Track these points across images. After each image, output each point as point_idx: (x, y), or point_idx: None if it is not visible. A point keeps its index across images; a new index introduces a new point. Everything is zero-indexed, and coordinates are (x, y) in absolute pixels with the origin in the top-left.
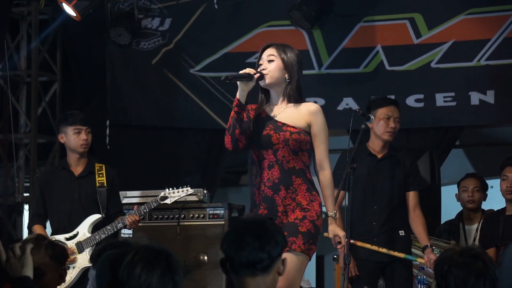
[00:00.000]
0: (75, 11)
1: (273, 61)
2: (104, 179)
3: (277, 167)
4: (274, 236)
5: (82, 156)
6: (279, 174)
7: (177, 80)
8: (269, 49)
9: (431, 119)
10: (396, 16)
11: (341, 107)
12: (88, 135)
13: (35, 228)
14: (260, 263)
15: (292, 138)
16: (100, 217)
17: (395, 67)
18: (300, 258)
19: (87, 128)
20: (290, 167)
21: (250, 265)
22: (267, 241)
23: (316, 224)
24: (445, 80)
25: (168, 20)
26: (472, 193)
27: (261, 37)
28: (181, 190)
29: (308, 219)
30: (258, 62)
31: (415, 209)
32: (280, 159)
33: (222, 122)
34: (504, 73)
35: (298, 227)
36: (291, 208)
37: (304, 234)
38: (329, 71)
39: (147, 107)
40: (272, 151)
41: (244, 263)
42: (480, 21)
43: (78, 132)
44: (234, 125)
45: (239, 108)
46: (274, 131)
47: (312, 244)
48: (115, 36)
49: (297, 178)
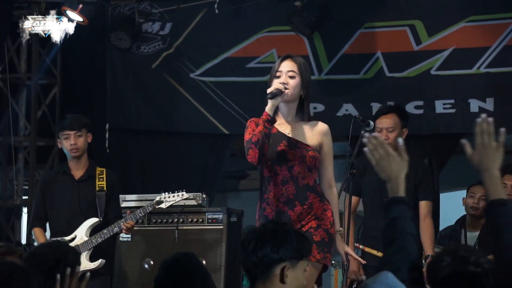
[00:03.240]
0: (82, 16)
1: (294, 77)
2: (104, 183)
3: (292, 183)
4: (272, 242)
5: (80, 160)
6: (294, 190)
7: (177, 84)
8: (289, 62)
9: (430, 126)
10: (397, 22)
11: (340, 113)
12: (77, 139)
13: (35, 231)
14: (255, 267)
15: (309, 155)
16: (97, 220)
17: (395, 73)
18: (314, 267)
19: (77, 132)
20: (305, 183)
21: (248, 269)
22: (261, 246)
23: (329, 233)
24: (445, 87)
25: (169, 25)
26: (478, 200)
27: (262, 42)
28: (176, 195)
29: (322, 228)
30: (276, 73)
31: (425, 219)
32: (296, 175)
33: (221, 127)
34: (503, 81)
35: (313, 236)
36: (307, 220)
37: (318, 243)
38: (329, 77)
39: (147, 111)
40: (287, 167)
41: (245, 268)
42: (480, 28)
43: (67, 137)
44: (263, 140)
45: (269, 123)
46: (289, 148)
47: (327, 253)
48: (115, 40)
49: (311, 194)
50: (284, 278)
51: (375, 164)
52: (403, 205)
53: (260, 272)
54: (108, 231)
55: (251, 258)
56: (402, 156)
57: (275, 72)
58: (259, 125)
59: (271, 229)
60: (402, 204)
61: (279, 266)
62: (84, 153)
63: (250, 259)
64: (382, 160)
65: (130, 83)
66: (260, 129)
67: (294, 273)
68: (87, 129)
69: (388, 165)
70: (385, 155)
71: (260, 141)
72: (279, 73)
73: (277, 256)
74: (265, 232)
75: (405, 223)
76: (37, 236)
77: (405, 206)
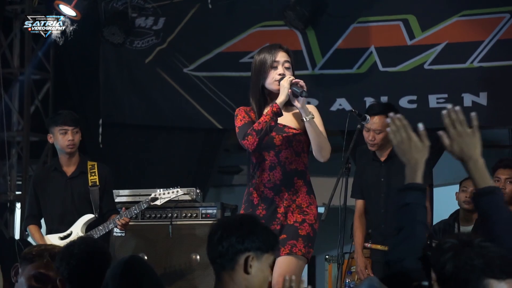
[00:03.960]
0: (76, 10)
1: (289, 69)
2: (97, 178)
3: (279, 168)
4: (238, 232)
5: (72, 156)
6: (281, 176)
7: (170, 79)
8: (284, 53)
9: (423, 120)
10: (390, 17)
11: (334, 108)
12: (75, 135)
13: (31, 228)
14: (220, 257)
15: (295, 139)
16: (93, 217)
17: (388, 68)
18: (300, 261)
19: (74, 128)
20: (292, 168)
21: (213, 259)
22: (226, 236)
23: (314, 228)
24: (438, 82)
25: (162, 19)
26: (470, 194)
27: (255, 37)
28: (171, 191)
29: (308, 223)
30: (273, 63)
31: None
32: (283, 161)
33: (215, 122)
34: (497, 75)
35: (298, 230)
36: (291, 209)
37: (304, 237)
38: (323, 72)
39: (140, 106)
40: (274, 152)
41: (210, 258)
42: (474, 23)
43: (64, 132)
44: (266, 131)
45: (277, 116)
46: (277, 133)
47: (311, 248)
48: (108, 35)
49: (299, 180)
50: (248, 269)
51: (395, 146)
52: (419, 192)
53: (225, 262)
54: (104, 227)
55: (217, 248)
56: (423, 141)
57: (272, 62)
58: (267, 115)
59: (239, 220)
60: (418, 191)
61: (243, 256)
62: (77, 149)
63: (215, 249)
64: (403, 144)
65: (123, 78)
66: (266, 119)
67: (259, 265)
68: (80, 126)
69: (409, 149)
70: (406, 139)
71: (263, 131)
72: (276, 63)
73: (242, 246)
74: (232, 223)
75: (417, 211)
76: (32, 233)
77: (420, 194)
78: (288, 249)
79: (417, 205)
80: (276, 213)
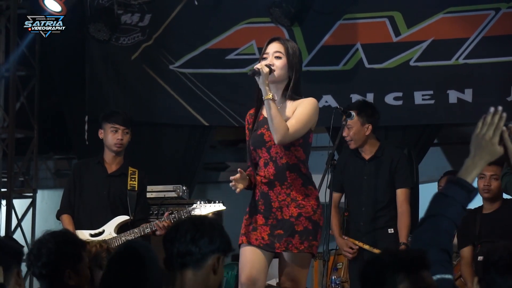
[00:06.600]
0: (62, 5)
1: (280, 58)
2: (136, 183)
3: (272, 164)
4: (210, 233)
5: (118, 155)
6: (274, 171)
7: (157, 76)
8: (275, 44)
9: (409, 117)
10: (376, 14)
11: (320, 105)
12: (124, 136)
13: (64, 218)
14: (190, 255)
15: None
16: (128, 218)
17: (374, 65)
18: (298, 257)
19: (125, 128)
20: (283, 162)
21: (180, 256)
22: (200, 236)
23: (313, 220)
24: (424, 78)
25: (148, 16)
26: (489, 181)
27: (241, 34)
28: (212, 205)
29: (304, 216)
30: (263, 55)
31: (401, 206)
32: (274, 156)
33: (201, 118)
34: (482, 71)
35: (294, 226)
36: (286, 203)
37: (301, 233)
38: (309, 69)
39: (126, 103)
40: (266, 148)
41: (175, 254)
42: (459, 19)
43: (115, 130)
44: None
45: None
46: (267, 129)
47: (313, 241)
48: (94, 31)
49: (291, 173)
50: (217, 269)
51: (474, 134)
52: (463, 191)
53: (194, 261)
54: (139, 230)
55: (189, 247)
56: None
57: (262, 54)
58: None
59: (208, 220)
60: (463, 190)
61: (214, 256)
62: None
63: (186, 247)
64: (483, 139)
65: (109, 75)
66: None
67: (222, 265)
68: (131, 128)
69: (483, 147)
70: (489, 137)
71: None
72: (266, 55)
73: (214, 247)
74: (203, 223)
75: (451, 207)
76: (66, 223)
77: (464, 193)
78: (284, 246)
79: (455, 201)
80: (271, 208)
